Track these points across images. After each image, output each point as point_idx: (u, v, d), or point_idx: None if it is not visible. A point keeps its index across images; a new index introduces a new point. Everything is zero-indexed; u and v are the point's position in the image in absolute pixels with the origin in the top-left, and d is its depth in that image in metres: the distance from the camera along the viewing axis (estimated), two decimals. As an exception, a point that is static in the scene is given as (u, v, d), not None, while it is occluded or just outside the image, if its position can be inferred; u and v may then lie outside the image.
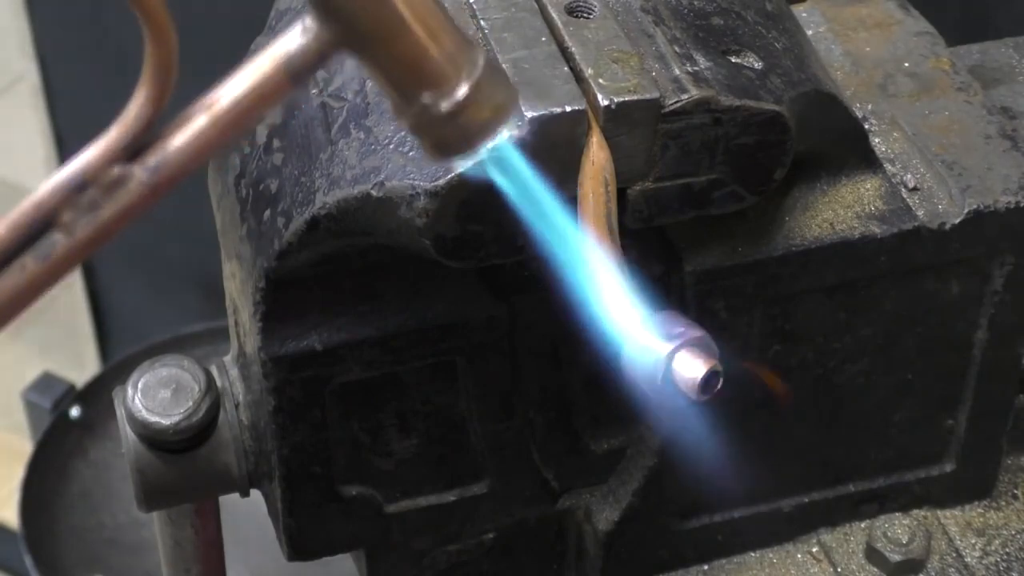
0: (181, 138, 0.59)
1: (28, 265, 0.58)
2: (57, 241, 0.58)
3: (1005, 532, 0.97)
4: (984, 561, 0.95)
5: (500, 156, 0.67)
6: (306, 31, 0.60)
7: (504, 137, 0.64)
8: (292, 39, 0.60)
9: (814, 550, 0.96)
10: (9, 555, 2.43)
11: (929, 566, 0.95)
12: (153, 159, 0.59)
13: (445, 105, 0.61)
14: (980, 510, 0.98)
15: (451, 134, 0.62)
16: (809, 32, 0.93)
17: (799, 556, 0.96)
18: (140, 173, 0.59)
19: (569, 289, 0.73)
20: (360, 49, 0.61)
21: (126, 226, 0.59)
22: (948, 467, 0.96)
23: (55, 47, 2.32)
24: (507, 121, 0.64)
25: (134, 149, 0.59)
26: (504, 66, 0.76)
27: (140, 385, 0.86)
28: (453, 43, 0.61)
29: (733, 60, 0.80)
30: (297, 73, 0.60)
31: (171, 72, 0.58)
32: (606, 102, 0.76)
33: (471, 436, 0.89)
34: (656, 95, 0.76)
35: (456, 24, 0.62)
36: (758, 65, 0.80)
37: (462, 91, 0.61)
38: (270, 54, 0.60)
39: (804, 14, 0.95)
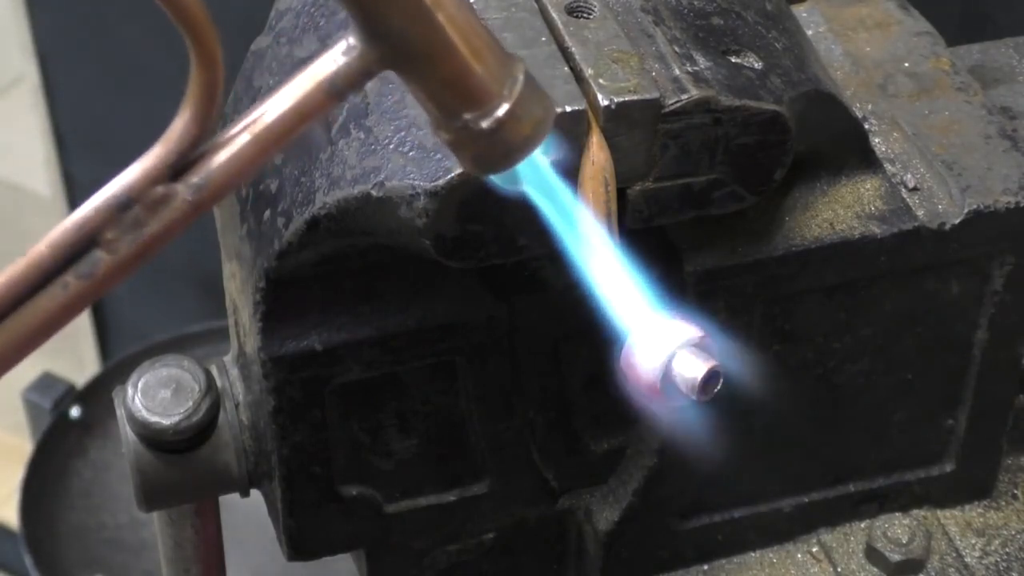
0: (224, 156, 0.59)
1: (71, 283, 0.58)
2: (100, 259, 0.58)
3: (1005, 532, 0.97)
4: (984, 561, 0.95)
5: (531, 165, 0.67)
6: (350, 50, 0.60)
7: (540, 151, 0.64)
8: (335, 58, 0.60)
9: (814, 550, 0.96)
10: (9, 555, 2.43)
11: (929, 566, 0.95)
12: (196, 178, 0.59)
13: (486, 123, 0.61)
14: (980, 510, 0.98)
15: (491, 150, 0.62)
16: (809, 32, 0.93)
17: (799, 556, 0.96)
18: (184, 192, 0.59)
19: (582, 292, 0.73)
20: (404, 68, 0.61)
21: (169, 243, 0.59)
22: (948, 467, 0.96)
23: (55, 47, 2.32)
24: (545, 135, 0.64)
25: (178, 168, 0.59)
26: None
27: (140, 385, 0.86)
28: (495, 60, 0.61)
29: (733, 60, 0.80)
30: (340, 92, 0.60)
31: (217, 92, 0.58)
32: (606, 102, 0.76)
33: (471, 436, 0.89)
34: (656, 95, 0.76)
35: (496, 39, 0.62)
36: (758, 65, 0.80)
37: (503, 108, 0.61)
38: (313, 73, 0.60)
39: (804, 14, 0.95)
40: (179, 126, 0.59)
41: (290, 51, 0.83)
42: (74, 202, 2.44)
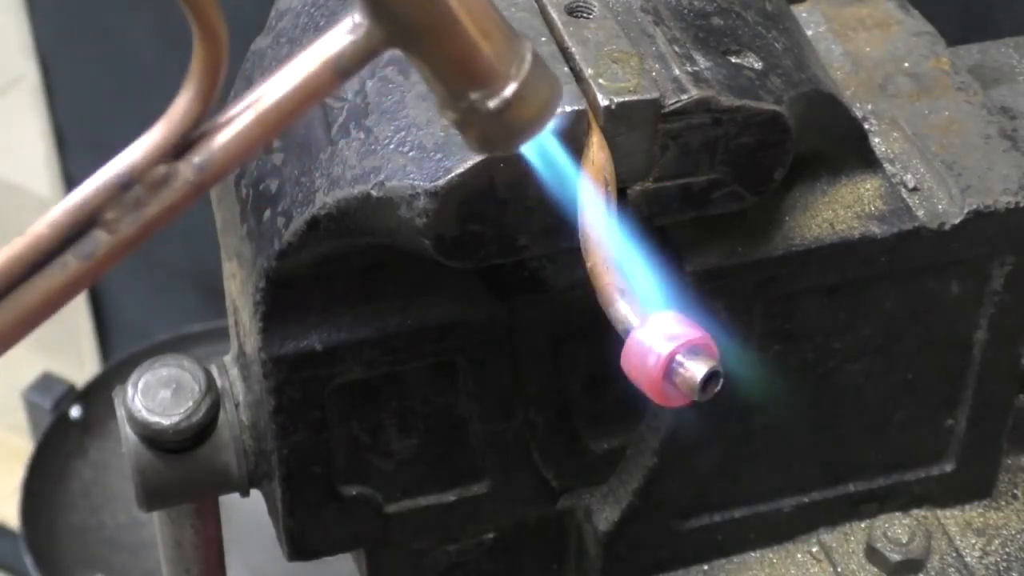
0: (226, 135, 0.59)
1: (70, 263, 0.57)
2: (100, 239, 0.57)
3: (1005, 532, 0.97)
4: (984, 561, 0.95)
5: (538, 142, 0.67)
6: (355, 28, 0.59)
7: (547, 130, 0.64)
8: (340, 36, 0.59)
9: (814, 550, 0.96)
10: (9, 555, 2.43)
11: (929, 566, 0.95)
12: (198, 157, 0.58)
13: (493, 103, 0.61)
14: (980, 510, 0.98)
15: (498, 130, 0.62)
16: (809, 32, 0.93)
17: (799, 556, 0.96)
18: (186, 171, 0.58)
19: (582, 292, 0.73)
20: (410, 46, 0.60)
21: (169, 222, 0.59)
22: (948, 467, 0.96)
23: (55, 47, 2.32)
24: (552, 115, 0.63)
25: (180, 147, 0.58)
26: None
27: (140, 385, 0.86)
28: (503, 39, 0.61)
29: (733, 60, 0.80)
30: (345, 71, 0.59)
31: (220, 70, 0.57)
32: (606, 102, 0.76)
33: (471, 436, 0.89)
34: (656, 95, 0.76)
35: (504, 18, 0.61)
36: (758, 65, 0.80)
37: (510, 89, 0.61)
38: (318, 51, 0.59)
39: (804, 14, 0.95)
40: (181, 104, 0.58)
41: (290, 51, 0.83)
42: (74, 202, 2.44)
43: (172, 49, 2.04)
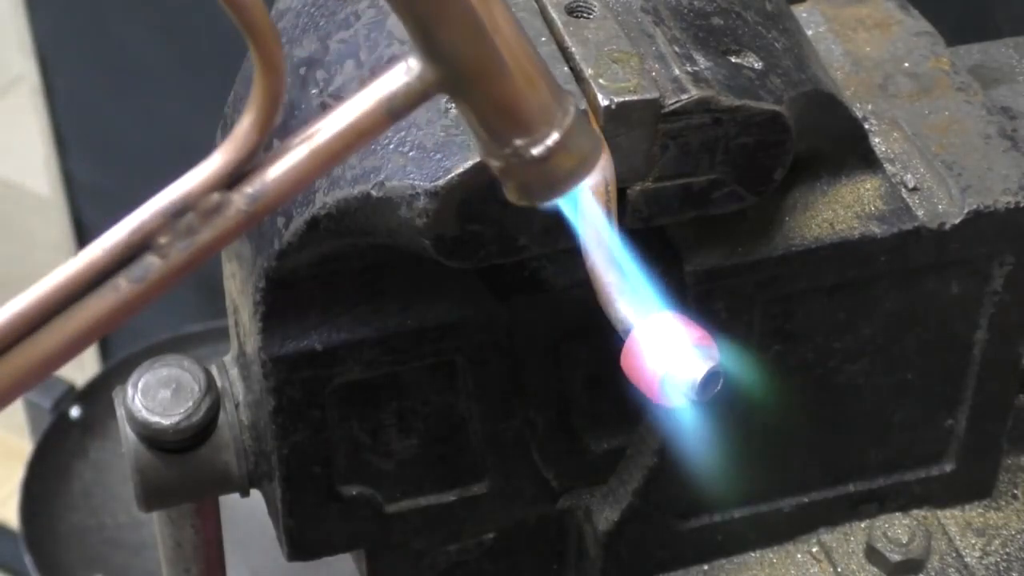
0: (280, 168, 0.60)
1: (122, 286, 0.58)
2: (152, 264, 0.58)
3: (1005, 532, 0.97)
4: (984, 561, 0.95)
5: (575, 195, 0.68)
6: (410, 71, 0.61)
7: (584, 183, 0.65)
8: (395, 78, 0.61)
9: (814, 550, 0.96)
10: (9, 555, 2.43)
11: (929, 566, 0.95)
12: (252, 188, 0.59)
13: (536, 151, 0.62)
14: (980, 510, 0.98)
15: (537, 179, 0.63)
16: (809, 32, 0.93)
17: (799, 556, 0.96)
18: (239, 201, 0.59)
19: (582, 292, 0.73)
20: (460, 91, 0.62)
21: (220, 250, 0.59)
22: (948, 467, 0.96)
23: (55, 47, 2.32)
24: (591, 170, 0.64)
25: (235, 176, 0.59)
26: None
27: (140, 385, 0.86)
28: (549, 90, 0.62)
29: (733, 60, 0.80)
30: (396, 113, 0.61)
31: (279, 100, 0.59)
32: (606, 102, 0.76)
33: (471, 436, 0.89)
34: (656, 95, 0.76)
35: (551, 71, 0.63)
36: (758, 65, 0.80)
37: (553, 138, 0.62)
38: (372, 92, 0.61)
39: (804, 14, 0.95)
40: (241, 132, 0.59)
41: (290, 51, 0.83)
42: (74, 202, 2.44)
43: (172, 49, 2.04)
